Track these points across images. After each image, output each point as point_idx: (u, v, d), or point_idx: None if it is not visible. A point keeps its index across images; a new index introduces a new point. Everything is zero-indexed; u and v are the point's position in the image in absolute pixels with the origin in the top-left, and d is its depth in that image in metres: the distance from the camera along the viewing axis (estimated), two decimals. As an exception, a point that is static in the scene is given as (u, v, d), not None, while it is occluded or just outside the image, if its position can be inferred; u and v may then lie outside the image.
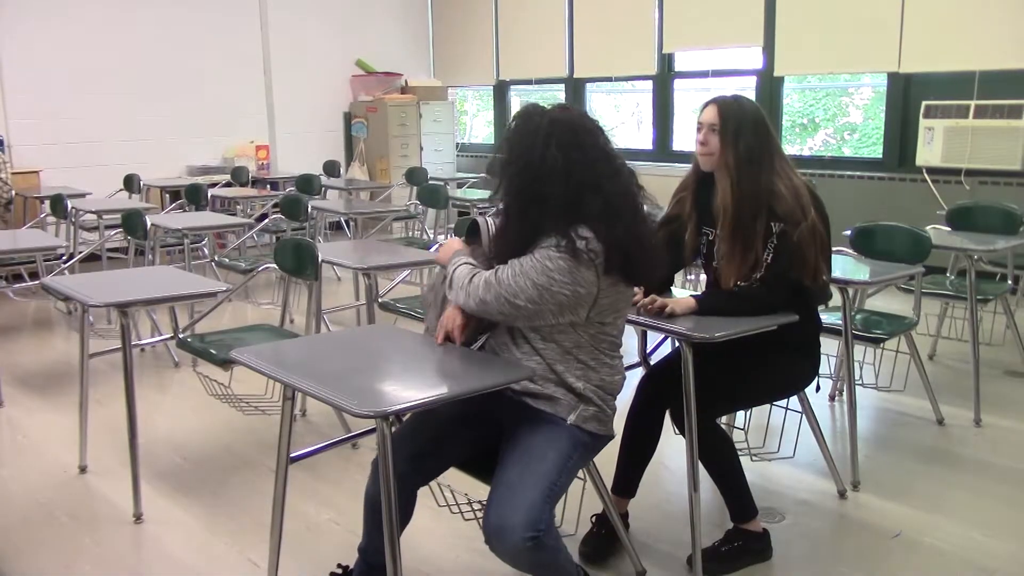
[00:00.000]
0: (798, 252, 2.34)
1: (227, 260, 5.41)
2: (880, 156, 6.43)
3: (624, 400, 2.48)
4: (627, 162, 2.07)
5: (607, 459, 2.47)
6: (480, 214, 2.22)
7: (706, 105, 2.48)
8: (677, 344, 2.49)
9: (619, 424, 2.49)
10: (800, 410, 2.82)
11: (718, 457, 2.42)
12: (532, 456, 1.97)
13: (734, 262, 2.40)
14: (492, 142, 9.30)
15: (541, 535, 1.85)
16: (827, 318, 3.13)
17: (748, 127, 2.40)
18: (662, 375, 2.55)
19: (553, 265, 1.95)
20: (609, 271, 1.97)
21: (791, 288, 2.39)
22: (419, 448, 2.07)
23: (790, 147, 7.26)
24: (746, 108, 2.45)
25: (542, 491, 1.90)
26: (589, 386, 2.07)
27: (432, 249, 2.14)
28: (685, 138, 7.69)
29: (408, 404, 1.78)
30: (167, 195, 7.15)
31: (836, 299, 2.80)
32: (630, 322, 2.43)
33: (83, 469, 3.19)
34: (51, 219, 6.19)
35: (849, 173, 6.27)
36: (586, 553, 2.53)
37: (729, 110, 2.42)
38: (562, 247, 1.95)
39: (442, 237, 5.77)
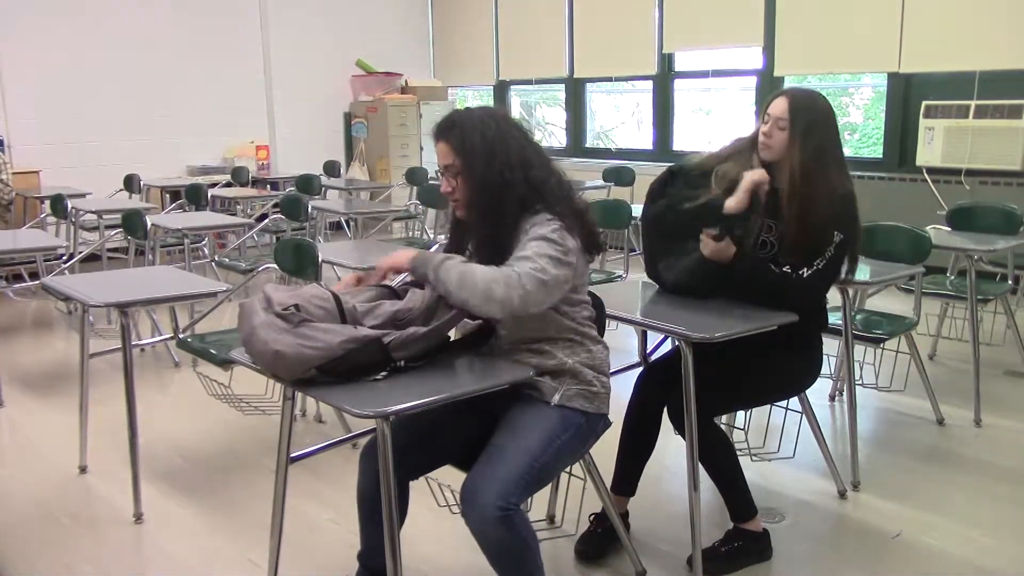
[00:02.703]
0: (850, 262, 2.44)
1: (227, 260, 5.41)
2: (880, 156, 6.43)
3: (620, 394, 2.48)
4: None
5: (607, 457, 2.47)
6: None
7: (776, 96, 2.40)
8: (676, 343, 2.49)
9: (617, 420, 2.50)
10: (800, 410, 2.82)
11: (715, 456, 2.42)
12: (516, 432, 1.97)
13: (795, 257, 2.39)
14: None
15: (511, 511, 1.83)
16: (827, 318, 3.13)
17: (820, 126, 2.35)
18: (660, 372, 2.55)
19: (557, 236, 1.95)
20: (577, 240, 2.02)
21: (823, 293, 2.47)
22: (407, 441, 2.05)
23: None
24: (820, 105, 2.39)
25: (521, 465, 1.89)
26: (578, 360, 2.07)
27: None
28: (685, 138, 7.69)
29: (408, 404, 1.78)
30: (167, 195, 7.15)
31: (836, 299, 2.80)
32: (630, 322, 2.43)
33: (83, 469, 3.19)
34: (51, 219, 6.19)
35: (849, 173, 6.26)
36: (582, 551, 2.53)
37: (801, 105, 2.35)
38: (549, 220, 1.97)
39: (441, 238, 5.74)
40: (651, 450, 2.58)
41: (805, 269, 2.36)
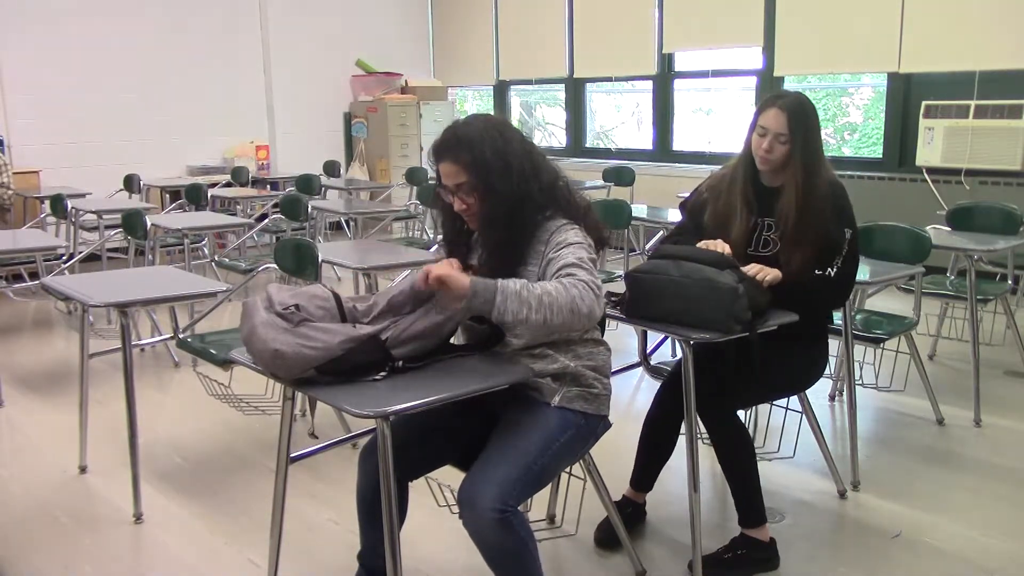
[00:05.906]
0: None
1: (227, 260, 5.41)
2: (880, 156, 6.43)
3: (620, 395, 2.48)
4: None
5: (608, 458, 2.47)
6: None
7: (769, 107, 2.43)
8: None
9: (631, 425, 2.50)
10: (800, 410, 2.82)
11: (733, 453, 2.41)
12: (514, 434, 1.97)
13: (795, 264, 2.39)
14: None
15: (509, 513, 1.83)
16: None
17: (813, 130, 2.43)
18: (680, 381, 2.53)
19: (582, 238, 1.98)
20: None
21: (851, 290, 2.53)
22: (407, 440, 2.04)
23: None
24: (808, 110, 2.44)
25: (518, 467, 1.89)
26: (580, 364, 2.07)
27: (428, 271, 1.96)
28: (685, 138, 7.69)
29: (408, 404, 1.77)
30: (167, 195, 7.15)
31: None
32: (630, 322, 2.43)
33: (83, 469, 3.19)
34: (51, 219, 6.20)
35: (849, 173, 6.26)
36: (601, 539, 2.57)
37: (798, 119, 2.40)
38: (566, 224, 1.99)
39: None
40: (669, 454, 2.61)
41: (829, 269, 2.39)
